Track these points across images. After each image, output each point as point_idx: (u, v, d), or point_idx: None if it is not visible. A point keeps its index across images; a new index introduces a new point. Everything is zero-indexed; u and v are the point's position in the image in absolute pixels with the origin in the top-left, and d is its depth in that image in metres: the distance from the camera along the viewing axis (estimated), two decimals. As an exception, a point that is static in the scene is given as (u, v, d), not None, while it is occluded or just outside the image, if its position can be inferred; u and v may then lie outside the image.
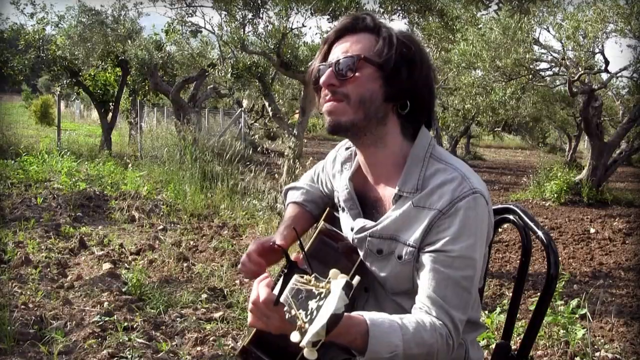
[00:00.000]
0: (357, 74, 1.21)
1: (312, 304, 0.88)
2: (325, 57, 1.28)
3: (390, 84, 1.21)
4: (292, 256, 1.14)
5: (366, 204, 1.35)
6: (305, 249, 1.28)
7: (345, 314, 1.05)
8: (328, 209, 1.51)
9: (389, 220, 1.24)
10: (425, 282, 1.19)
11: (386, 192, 1.30)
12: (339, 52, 1.24)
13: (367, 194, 1.35)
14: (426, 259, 1.19)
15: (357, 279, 0.92)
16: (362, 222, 1.30)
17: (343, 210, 1.40)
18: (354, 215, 1.35)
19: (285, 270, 1.02)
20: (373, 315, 1.10)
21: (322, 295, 0.89)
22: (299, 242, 1.19)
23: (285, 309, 0.90)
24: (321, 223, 1.40)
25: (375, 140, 1.26)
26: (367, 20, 1.24)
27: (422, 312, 1.18)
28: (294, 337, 0.87)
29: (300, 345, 0.85)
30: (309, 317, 0.87)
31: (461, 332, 1.20)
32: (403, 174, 1.24)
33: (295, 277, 0.95)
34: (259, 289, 1.07)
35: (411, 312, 1.23)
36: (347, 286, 0.88)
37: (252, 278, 1.30)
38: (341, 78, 1.22)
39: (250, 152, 10.33)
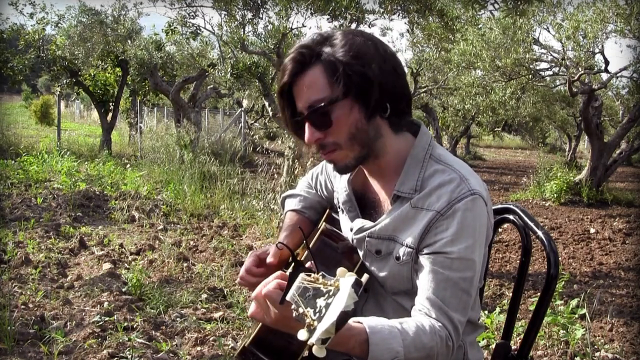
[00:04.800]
0: (332, 118, 1.17)
1: (321, 302, 0.88)
2: (292, 106, 1.23)
3: (364, 102, 1.17)
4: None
5: (365, 204, 1.35)
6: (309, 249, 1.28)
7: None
8: (328, 210, 1.51)
9: (387, 221, 1.24)
10: (424, 283, 1.19)
11: (385, 193, 1.30)
12: (303, 101, 1.19)
13: (367, 195, 1.35)
14: (425, 260, 1.19)
15: (365, 276, 0.92)
16: (360, 222, 1.30)
17: (342, 211, 1.39)
18: (352, 217, 1.35)
19: (291, 269, 1.02)
20: (372, 322, 1.10)
21: (331, 293, 0.89)
22: (304, 241, 1.19)
23: (293, 307, 0.90)
24: (322, 224, 1.40)
25: (377, 154, 1.25)
26: (306, 55, 1.18)
27: (421, 315, 1.17)
28: (302, 335, 0.87)
29: (309, 343, 0.85)
30: (317, 314, 0.87)
31: (461, 333, 1.19)
32: (402, 174, 1.24)
33: (302, 275, 0.95)
34: (271, 282, 1.06)
35: (411, 312, 1.23)
36: (357, 284, 0.88)
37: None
38: (322, 130, 1.19)
39: (250, 152, 10.33)
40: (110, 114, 13.11)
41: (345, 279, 0.89)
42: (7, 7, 11.65)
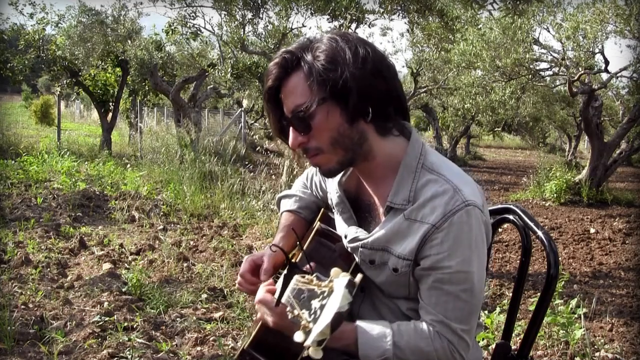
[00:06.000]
0: (313, 122, 1.18)
1: (315, 304, 0.88)
2: (280, 109, 1.24)
3: (343, 106, 1.17)
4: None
5: (360, 207, 1.35)
6: (304, 250, 1.28)
7: None
8: (323, 209, 1.51)
9: (381, 233, 1.24)
10: (425, 299, 1.21)
11: (379, 196, 1.30)
12: (287, 105, 1.21)
13: (361, 197, 1.35)
14: (424, 277, 1.20)
15: (359, 276, 0.92)
16: (354, 231, 1.30)
17: (336, 212, 1.40)
18: (346, 218, 1.35)
19: (285, 271, 1.02)
20: (364, 323, 1.19)
21: (325, 294, 0.89)
22: (298, 242, 1.19)
23: (288, 309, 0.90)
24: (317, 224, 1.40)
25: (365, 157, 1.25)
26: (289, 60, 1.19)
27: (423, 324, 1.21)
28: (298, 337, 0.87)
29: (305, 344, 0.85)
30: (312, 316, 0.87)
31: (469, 341, 1.21)
32: (394, 185, 1.23)
33: (296, 277, 0.95)
34: (259, 290, 1.19)
35: (407, 314, 1.27)
36: (350, 284, 0.88)
37: (253, 294, 1.32)
38: (304, 134, 1.20)
39: (250, 152, 10.32)
40: (110, 114, 13.10)
41: (339, 280, 0.89)
42: (7, 7, 11.66)
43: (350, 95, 1.16)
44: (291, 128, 1.21)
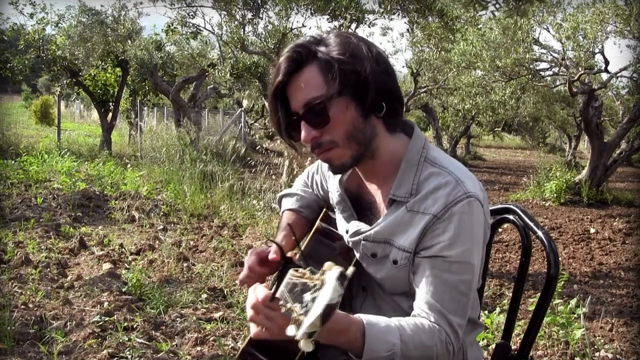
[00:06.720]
0: (329, 115, 1.16)
1: (307, 297, 0.88)
2: (286, 106, 1.22)
3: (360, 100, 1.17)
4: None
5: (361, 205, 1.35)
6: (302, 248, 1.28)
7: (343, 313, 1.06)
8: (325, 209, 1.51)
9: (383, 225, 1.24)
10: (423, 287, 1.19)
11: (381, 194, 1.29)
12: (298, 100, 1.18)
13: (362, 196, 1.35)
14: (423, 264, 1.19)
15: (351, 269, 0.92)
16: (356, 225, 1.30)
17: (338, 211, 1.40)
18: (346, 217, 1.35)
19: (281, 268, 1.02)
20: (370, 317, 1.13)
21: (317, 287, 0.89)
22: (294, 238, 1.19)
23: (281, 303, 0.90)
24: (318, 222, 1.40)
25: (373, 154, 1.25)
26: (302, 54, 1.18)
27: (421, 318, 1.19)
28: (290, 330, 0.87)
29: (296, 337, 0.85)
30: (304, 309, 0.87)
31: (461, 336, 1.20)
32: (397, 178, 1.23)
33: (290, 271, 0.95)
34: (257, 291, 1.07)
35: (408, 311, 1.25)
36: (341, 276, 0.88)
37: None
38: (319, 127, 1.18)
39: (250, 151, 10.33)
40: (110, 114, 13.11)
41: (331, 272, 0.89)
42: (7, 7, 11.66)
43: (368, 90, 1.16)
44: (303, 122, 1.19)
